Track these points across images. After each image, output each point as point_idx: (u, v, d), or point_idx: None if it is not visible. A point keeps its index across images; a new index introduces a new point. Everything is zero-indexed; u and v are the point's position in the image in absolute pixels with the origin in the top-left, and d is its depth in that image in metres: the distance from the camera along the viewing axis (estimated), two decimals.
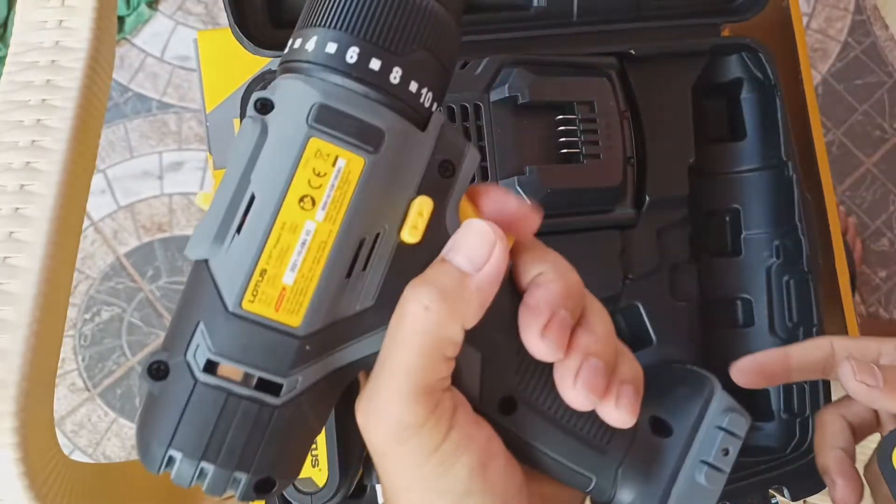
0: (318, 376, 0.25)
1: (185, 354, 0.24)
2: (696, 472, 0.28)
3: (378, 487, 0.43)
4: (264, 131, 0.24)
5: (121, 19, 1.23)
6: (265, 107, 0.25)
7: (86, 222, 1.18)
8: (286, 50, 0.27)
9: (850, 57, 1.24)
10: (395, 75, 0.25)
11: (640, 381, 0.27)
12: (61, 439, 1.12)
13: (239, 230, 0.24)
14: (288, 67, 0.26)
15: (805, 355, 0.40)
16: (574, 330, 0.26)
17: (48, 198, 0.44)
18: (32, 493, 0.40)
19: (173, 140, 1.22)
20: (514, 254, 0.27)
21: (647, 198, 0.49)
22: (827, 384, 0.49)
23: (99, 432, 1.14)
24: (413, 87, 0.25)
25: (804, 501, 0.37)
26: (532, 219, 0.27)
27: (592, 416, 0.27)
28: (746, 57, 0.49)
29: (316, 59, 0.25)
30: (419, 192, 0.25)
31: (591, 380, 0.25)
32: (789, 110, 0.50)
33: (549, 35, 0.47)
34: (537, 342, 0.25)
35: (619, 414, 0.26)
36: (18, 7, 0.49)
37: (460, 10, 0.27)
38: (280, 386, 0.24)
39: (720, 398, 0.29)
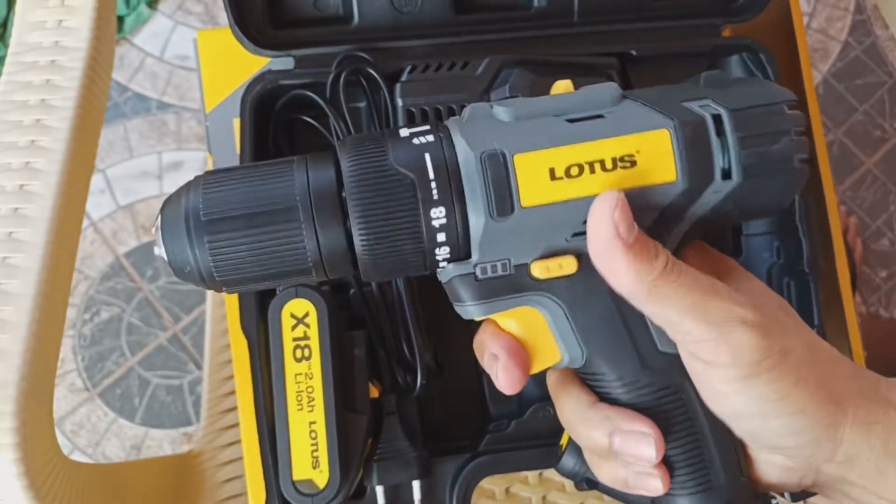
0: None
1: None
2: None
3: (378, 489, 0.43)
4: None
5: (120, 19, 1.23)
6: None
7: (85, 222, 1.18)
8: None
9: (850, 57, 1.24)
10: None
11: None
12: (61, 439, 1.12)
13: None
14: None
15: None
16: None
17: (48, 198, 0.44)
18: (32, 494, 0.40)
19: (173, 140, 1.22)
20: None
21: None
22: None
23: (98, 432, 1.14)
24: None
25: (804, 502, 0.37)
26: None
27: None
28: (747, 57, 0.49)
29: None
30: None
31: None
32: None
33: (549, 35, 0.47)
34: None
35: None
36: (18, 7, 0.49)
37: None
38: None
39: None
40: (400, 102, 0.44)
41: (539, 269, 0.31)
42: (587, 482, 0.39)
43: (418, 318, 0.44)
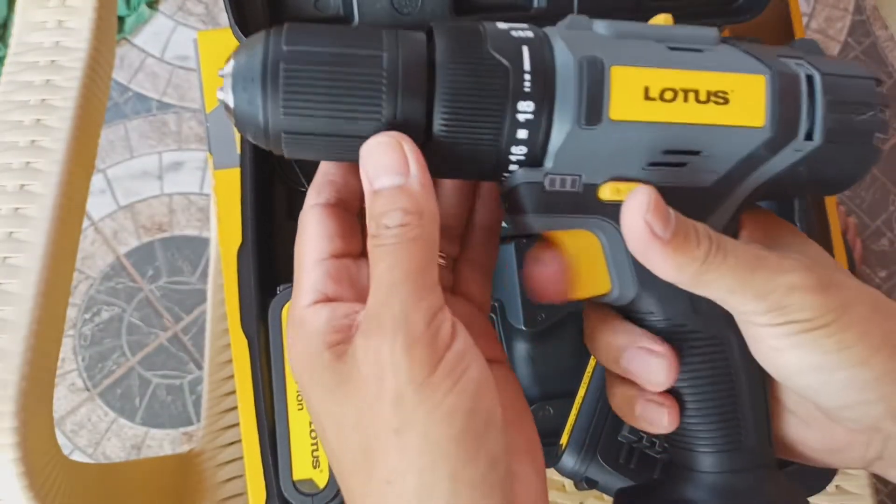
0: None
1: None
2: None
3: None
4: None
5: (121, 19, 1.23)
6: None
7: (86, 222, 1.18)
8: None
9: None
10: None
11: None
12: (61, 439, 1.12)
13: None
14: None
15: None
16: None
17: (48, 198, 0.44)
18: (32, 494, 0.40)
19: (173, 140, 1.22)
20: None
21: None
22: None
23: (99, 432, 1.14)
24: None
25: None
26: None
27: None
28: None
29: None
30: None
31: None
32: None
33: None
34: None
35: None
36: (18, 7, 0.49)
37: None
38: None
39: None
40: None
41: (609, 191, 0.31)
42: (587, 482, 0.39)
43: None
